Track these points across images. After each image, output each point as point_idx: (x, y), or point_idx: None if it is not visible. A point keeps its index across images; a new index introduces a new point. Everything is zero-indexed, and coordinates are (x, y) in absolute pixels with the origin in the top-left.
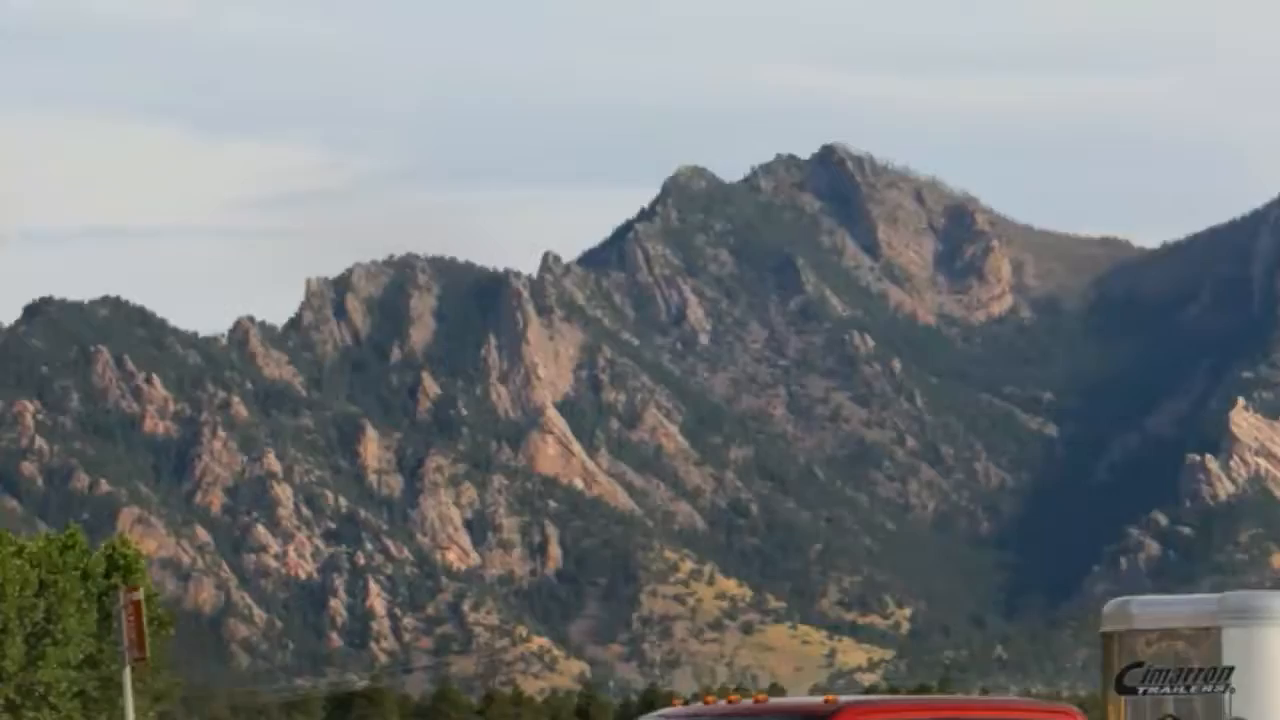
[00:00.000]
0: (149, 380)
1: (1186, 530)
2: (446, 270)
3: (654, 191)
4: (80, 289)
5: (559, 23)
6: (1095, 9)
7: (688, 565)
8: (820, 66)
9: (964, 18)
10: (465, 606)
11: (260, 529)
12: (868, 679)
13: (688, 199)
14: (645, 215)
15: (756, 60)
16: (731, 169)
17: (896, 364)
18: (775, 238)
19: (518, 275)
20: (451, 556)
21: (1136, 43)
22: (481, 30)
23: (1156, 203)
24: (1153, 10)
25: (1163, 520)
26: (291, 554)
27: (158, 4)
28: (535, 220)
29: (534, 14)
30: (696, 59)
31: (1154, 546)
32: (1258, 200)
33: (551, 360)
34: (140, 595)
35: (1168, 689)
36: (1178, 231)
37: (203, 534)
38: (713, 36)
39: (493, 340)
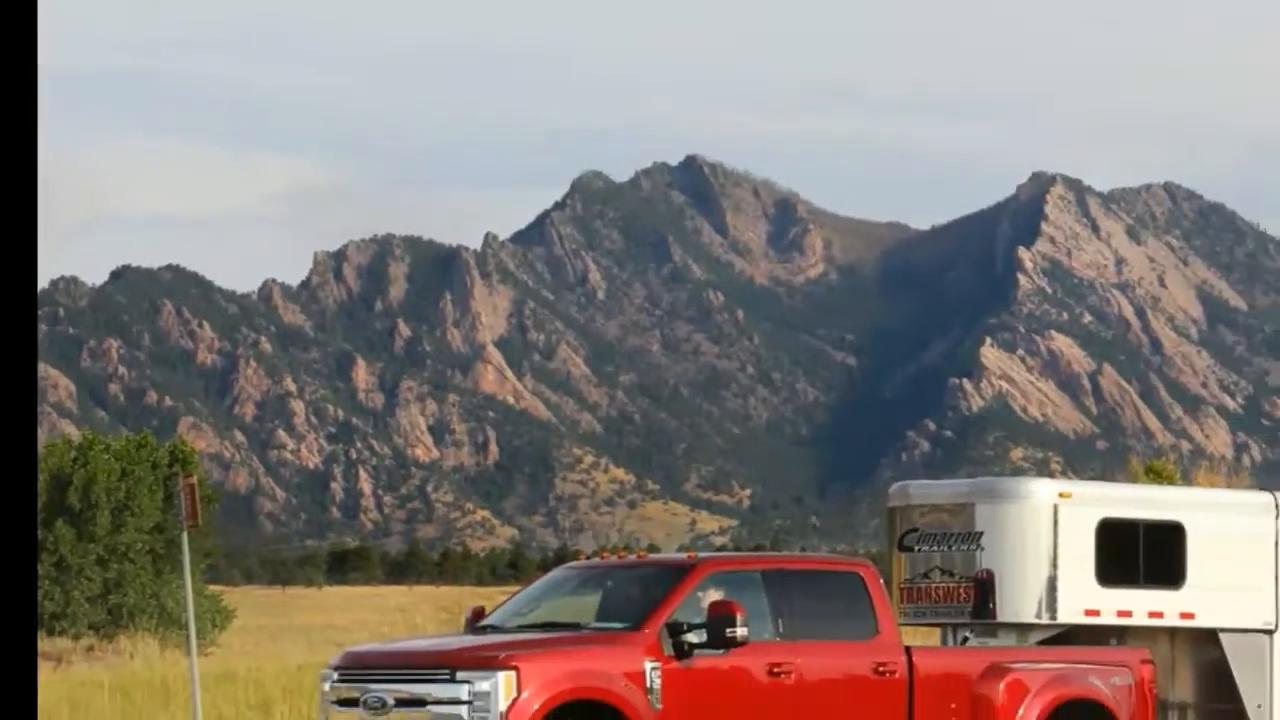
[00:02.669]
0: (200, 325)
1: (949, 434)
2: (415, 246)
3: (565, 189)
4: (151, 259)
5: (495, 70)
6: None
7: (589, 458)
8: (687, 99)
9: (794, 66)
10: (429, 489)
11: (281, 432)
12: (719, 541)
13: (590, 194)
14: (559, 206)
15: (641, 93)
16: (621, 172)
17: (740, 313)
18: (653, 223)
19: (467, 249)
20: (419, 452)
21: (910, 86)
22: (438, 76)
23: (927, 196)
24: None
25: (932, 427)
26: (304, 450)
27: (213, 66)
28: (480, 210)
29: (477, 64)
30: (597, 94)
31: (926, 446)
32: (999, 195)
33: (491, 311)
34: (194, 480)
35: (935, 548)
36: (943, 217)
37: (239, 436)
38: (609, 76)
39: (448, 296)
